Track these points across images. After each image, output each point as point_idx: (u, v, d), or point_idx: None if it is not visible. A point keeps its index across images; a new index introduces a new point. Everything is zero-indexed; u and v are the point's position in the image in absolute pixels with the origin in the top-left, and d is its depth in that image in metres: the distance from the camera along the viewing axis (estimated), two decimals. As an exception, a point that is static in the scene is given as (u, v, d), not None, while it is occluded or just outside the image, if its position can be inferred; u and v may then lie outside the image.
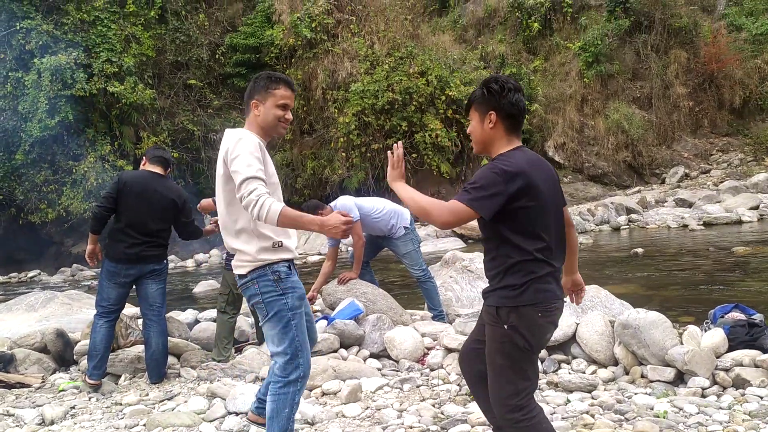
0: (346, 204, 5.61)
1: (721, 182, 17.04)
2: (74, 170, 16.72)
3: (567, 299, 2.81)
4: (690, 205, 15.01)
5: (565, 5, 20.78)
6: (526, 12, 21.15)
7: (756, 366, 3.78)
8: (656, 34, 19.97)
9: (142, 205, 4.70)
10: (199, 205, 5.16)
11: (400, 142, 2.79)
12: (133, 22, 18.41)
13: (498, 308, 2.47)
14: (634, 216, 14.59)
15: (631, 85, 20.19)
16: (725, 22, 20.47)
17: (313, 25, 19.20)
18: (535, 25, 20.88)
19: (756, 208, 13.71)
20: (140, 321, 5.12)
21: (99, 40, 17.19)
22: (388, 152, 2.71)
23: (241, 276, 2.91)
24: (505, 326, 2.44)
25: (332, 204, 5.66)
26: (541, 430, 2.46)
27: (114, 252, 4.69)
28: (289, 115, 2.99)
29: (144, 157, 5.03)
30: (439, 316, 5.69)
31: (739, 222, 12.82)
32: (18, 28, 16.75)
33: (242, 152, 2.77)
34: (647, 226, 13.73)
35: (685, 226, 12.99)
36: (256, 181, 2.69)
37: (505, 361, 2.46)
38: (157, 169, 4.91)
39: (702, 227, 12.71)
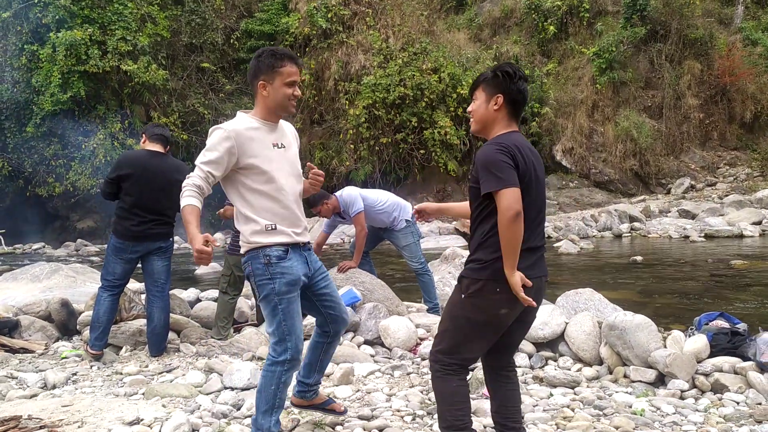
0: (351, 194, 5.73)
1: (726, 195, 17.09)
2: (83, 146, 16.90)
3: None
4: (693, 217, 15.08)
5: (582, 10, 20.80)
6: (542, 14, 21.18)
7: (735, 373, 3.89)
8: (671, 43, 19.97)
9: (147, 184, 4.78)
10: (219, 212, 5.26)
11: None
12: (149, 2, 18.57)
13: (462, 278, 2.63)
14: (636, 224, 14.67)
15: (642, 94, 20.21)
16: (741, 35, 20.45)
17: (329, 16, 19.30)
18: (551, 28, 20.91)
19: (759, 223, 13.78)
20: (144, 296, 5.26)
21: (115, 18, 17.33)
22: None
23: (242, 256, 3.05)
24: (463, 296, 2.59)
25: (337, 194, 5.79)
26: (448, 390, 2.64)
27: (121, 229, 4.80)
28: (298, 92, 2.97)
29: (143, 135, 5.08)
30: (434, 308, 5.81)
31: (741, 236, 12.90)
32: (36, 1, 16.89)
33: (208, 141, 2.92)
34: (649, 235, 13.82)
35: (687, 237, 13.07)
36: (196, 170, 2.89)
37: (450, 324, 2.65)
38: (158, 147, 4.97)
39: (703, 239, 12.78)
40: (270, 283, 2.89)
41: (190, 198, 2.84)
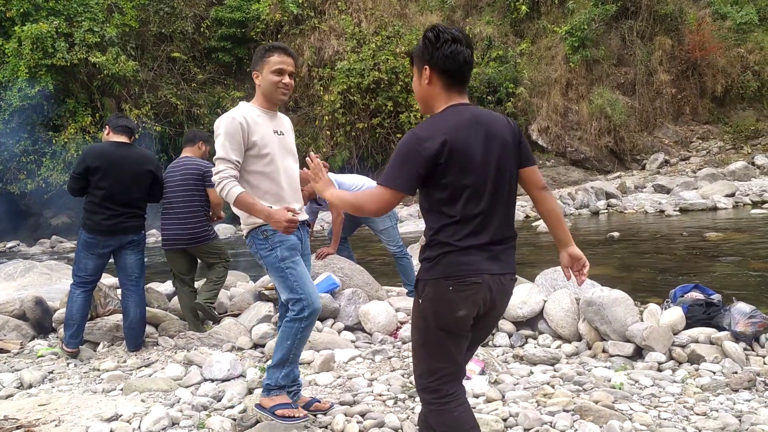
0: None
1: (700, 169, 17.32)
2: (54, 141, 16.60)
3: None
4: (668, 191, 15.26)
5: (553, -12, 20.80)
6: (514, -6, 21.16)
7: (711, 343, 3.95)
8: (642, 20, 20.08)
9: (117, 176, 4.68)
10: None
11: (313, 154, 2.64)
12: (116, -8, 18.22)
13: (418, 281, 2.32)
14: (613, 201, 14.82)
15: (615, 71, 20.33)
16: (710, 10, 20.61)
17: (300, 1, 19.09)
18: (524, 7, 20.90)
19: (732, 195, 13.98)
20: (119, 291, 5.18)
21: (81, 9, 16.98)
22: (306, 167, 2.68)
23: (245, 237, 3.21)
24: (420, 300, 2.28)
25: None
26: (450, 418, 2.26)
27: (92, 224, 4.69)
28: (287, 80, 3.12)
29: (106, 127, 4.93)
30: (413, 292, 5.80)
31: (715, 209, 13.08)
32: (-1, -6, 16.50)
33: (221, 132, 3.04)
34: (625, 211, 13.96)
35: (662, 211, 13.23)
36: (224, 163, 3.01)
37: (418, 337, 2.32)
38: (123, 138, 4.85)
39: (678, 213, 12.95)
40: (273, 252, 3.07)
41: (235, 188, 2.97)
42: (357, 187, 5.84)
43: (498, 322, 2.59)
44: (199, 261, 5.35)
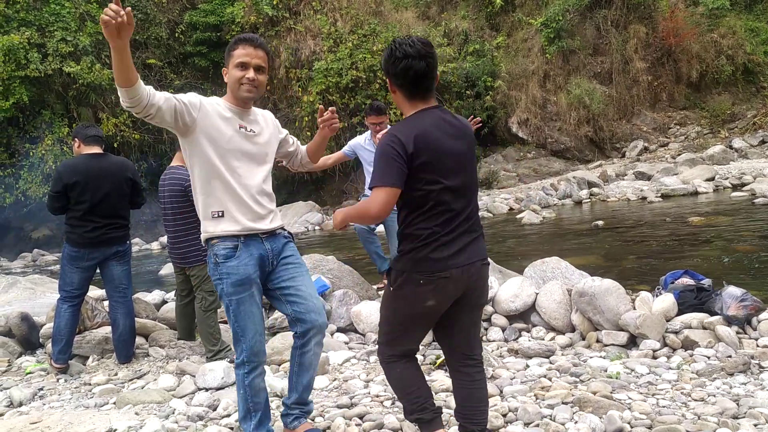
0: None
1: (679, 155, 17.47)
2: (31, 153, 16.35)
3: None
4: (649, 178, 15.37)
5: (527, -19, 20.87)
6: (488, -12, 21.19)
7: (704, 328, 3.98)
8: (616, 9, 20.20)
9: (97, 189, 4.59)
10: None
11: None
12: (87, 0, 17.95)
13: (390, 270, 2.56)
14: (595, 190, 14.89)
15: (592, 61, 20.44)
16: (683, -4, 20.81)
17: (275, 2, 18.98)
18: (498, 1, 20.93)
19: (711, 179, 14.11)
20: (106, 303, 5.10)
21: (53, 19, 16.70)
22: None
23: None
24: (392, 288, 2.52)
25: None
26: (396, 376, 2.65)
27: (75, 237, 4.62)
28: (251, 74, 2.81)
29: (75, 140, 4.79)
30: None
31: (695, 193, 13.20)
32: (-33, 7, 16.21)
33: None
34: (608, 200, 14.04)
35: (644, 198, 13.33)
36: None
37: (385, 318, 2.63)
38: (96, 149, 4.75)
39: (660, 199, 13.05)
40: (220, 284, 2.79)
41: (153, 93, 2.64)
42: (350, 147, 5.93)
43: (483, 301, 2.66)
44: None
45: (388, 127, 5.40)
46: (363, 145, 5.90)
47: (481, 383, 2.65)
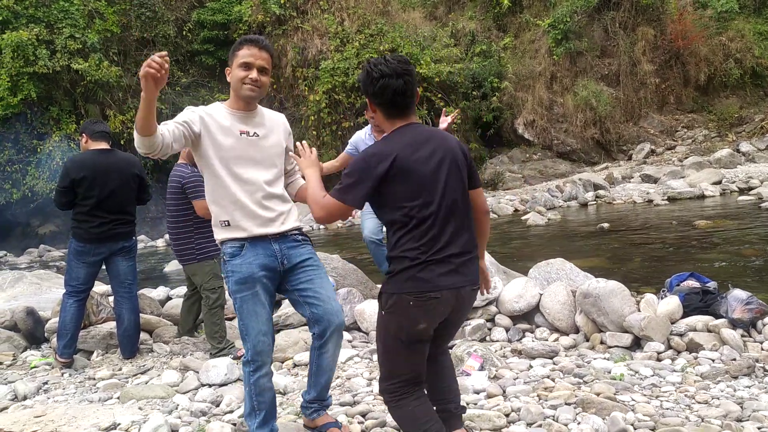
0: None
1: (686, 158, 17.40)
2: (39, 149, 16.43)
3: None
4: (655, 181, 15.33)
5: (535, -18, 20.83)
6: (496, -11, 21.16)
7: (709, 331, 3.97)
8: (624, 10, 20.14)
9: (104, 185, 4.61)
10: None
11: (302, 143, 2.89)
12: (96, -3, 18.02)
13: (381, 294, 2.46)
14: (601, 192, 14.86)
15: (599, 63, 20.39)
16: (691, -1, 20.74)
17: (282, 1, 19.00)
18: (506, 1, 20.89)
19: (718, 183, 14.06)
20: (111, 298, 5.13)
21: (61, 15, 16.77)
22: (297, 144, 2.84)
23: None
24: (383, 312, 2.43)
25: None
26: (407, 415, 2.44)
27: (82, 232, 4.64)
28: (254, 74, 2.81)
29: (83, 135, 4.80)
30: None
31: (702, 197, 13.16)
32: (-23, 3, 16.29)
33: None
34: (614, 202, 14.01)
35: (650, 201, 13.28)
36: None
37: (381, 345, 2.48)
38: (103, 145, 4.76)
39: (666, 202, 13.01)
40: (227, 281, 2.85)
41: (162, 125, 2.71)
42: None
43: (464, 320, 2.69)
44: None
45: None
46: (364, 140, 5.87)
47: (450, 368, 2.72)
